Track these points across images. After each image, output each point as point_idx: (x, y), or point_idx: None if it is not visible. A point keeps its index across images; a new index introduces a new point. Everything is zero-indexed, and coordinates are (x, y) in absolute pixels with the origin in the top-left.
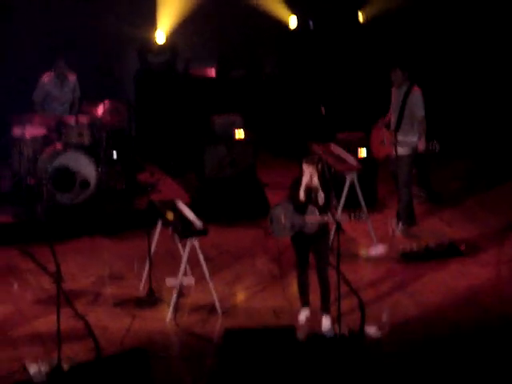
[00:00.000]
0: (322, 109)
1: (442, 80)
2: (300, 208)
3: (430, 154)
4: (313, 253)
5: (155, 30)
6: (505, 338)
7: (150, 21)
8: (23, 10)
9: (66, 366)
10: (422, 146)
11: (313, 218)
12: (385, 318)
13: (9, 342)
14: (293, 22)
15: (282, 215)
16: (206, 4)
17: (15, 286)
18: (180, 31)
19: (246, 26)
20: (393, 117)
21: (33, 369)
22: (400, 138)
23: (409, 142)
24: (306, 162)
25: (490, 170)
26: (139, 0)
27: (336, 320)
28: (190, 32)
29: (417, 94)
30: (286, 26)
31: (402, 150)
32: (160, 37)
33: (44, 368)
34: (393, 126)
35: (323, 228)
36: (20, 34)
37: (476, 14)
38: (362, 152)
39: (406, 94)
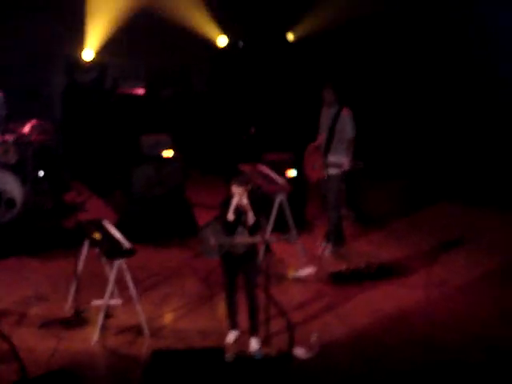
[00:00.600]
0: (252, 129)
1: (376, 100)
2: (229, 228)
3: (359, 175)
4: (241, 274)
5: (83, 47)
6: (430, 358)
7: (79, 38)
8: None
9: None
10: (346, 164)
11: (242, 238)
12: (313, 339)
13: None
14: (222, 40)
15: (211, 236)
16: (136, 22)
17: None
18: (109, 49)
19: (176, 44)
20: (322, 137)
21: None
22: (330, 158)
23: (339, 162)
24: (236, 183)
25: (423, 191)
26: (67, 18)
27: (264, 341)
28: (119, 50)
29: (346, 116)
30: (215, 45)
31: (331, 171)
32: (88, 54)
33: None
34: (322, 146)
35: (252, 249)
36: None
37: (406, 33)
38: (291, 173)
39: (336, 116)
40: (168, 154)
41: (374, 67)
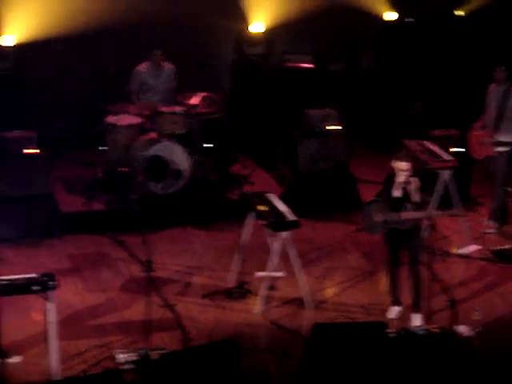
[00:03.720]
0: (418, 105)
1: None
2: (394, 205)
3: None
4: (405, 250)
5: (252, 21)
6: None
7: (247, 12)
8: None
9: (154, 356)
10: None
11: (408, 214)
12: (476, 316)
13: (98, 329)
14: (390, 16)
15: (375, 212)
16: None
17: (106, 274)
18: (277, 23)
19: (344, 19)
20: (489, 115)
21: (121, 357)
22: (499, 137)
23: (508, 141)
24: (400, 159)
25: None
26: None
27: (427, 317)
28: (287, 24)
29: None
30: (383, 20)
31: (501, 148)
32: (256, 28)
33: (132, 357)
34: (491, 125)
35: (417, 225)
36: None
37: None
38: (457, 149)
39: (507, 93)
40: (334, 128)
41: None
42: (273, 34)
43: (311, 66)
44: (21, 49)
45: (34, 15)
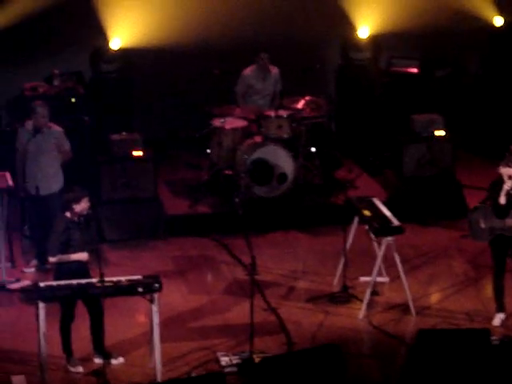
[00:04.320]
0: None
1: None
2: (500, 211)
3: None
4: (511, 257)
5: (358, 25)
6: None
7: (353, 17)
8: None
9: (257, 359)
10: None
11: None
12: None
13: (201, 332)
14: (499, 21)
15: (481, 219)
16: (411, 1)
17: (209, 276)
18: (383, 27)
19: (451, 24)
20: None
21: (224, 360)
22: None
23: None
24: (506, 165)
25: None
26: None
27: None
28: (394, 28)
29: None
30: (491, 25)
31: None
32: (362, 33)
33: (235, 360)
34: None
35: None
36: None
37: None
38: None
39: None
40: (440, 133)
41: None
42: (379, 38)
43: (417, 71)
44: (127, 51)
45: (141, 19)
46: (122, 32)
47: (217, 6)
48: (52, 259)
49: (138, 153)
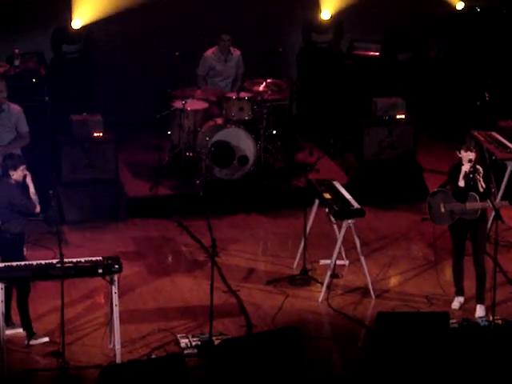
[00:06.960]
0: (486, 95)
1: None
2: (460, 195)
3: None
4: (470, 240)
5: (320, 8)
6: None
7: (313, 0)
8: None
9: (216, 341)
10: None
11: (473, 204)
12: None
13: (162, 313)
14: (460, 5)
15: (441, 203)
16: None
17: (170, 258)
18: (345, 10)
19: (413, 7)
20: None
21: (184, 342)
22: None
23: None
24: (466, 149)
25: None
26: None
27: (490, 309)
28: (356, 11)
29: None
30: (453, 9)
31: None
32: (325, 16)
33: (195, 341)
34: None
35: (482, 215)
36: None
37: None
38: None
39: None
40: (401, 117)
41: None
42: (341, 21)
43: (379, 54)
44: (89, 32)
45: None
46: (84, 11)
47: None
48: None
49: (98, 134)
